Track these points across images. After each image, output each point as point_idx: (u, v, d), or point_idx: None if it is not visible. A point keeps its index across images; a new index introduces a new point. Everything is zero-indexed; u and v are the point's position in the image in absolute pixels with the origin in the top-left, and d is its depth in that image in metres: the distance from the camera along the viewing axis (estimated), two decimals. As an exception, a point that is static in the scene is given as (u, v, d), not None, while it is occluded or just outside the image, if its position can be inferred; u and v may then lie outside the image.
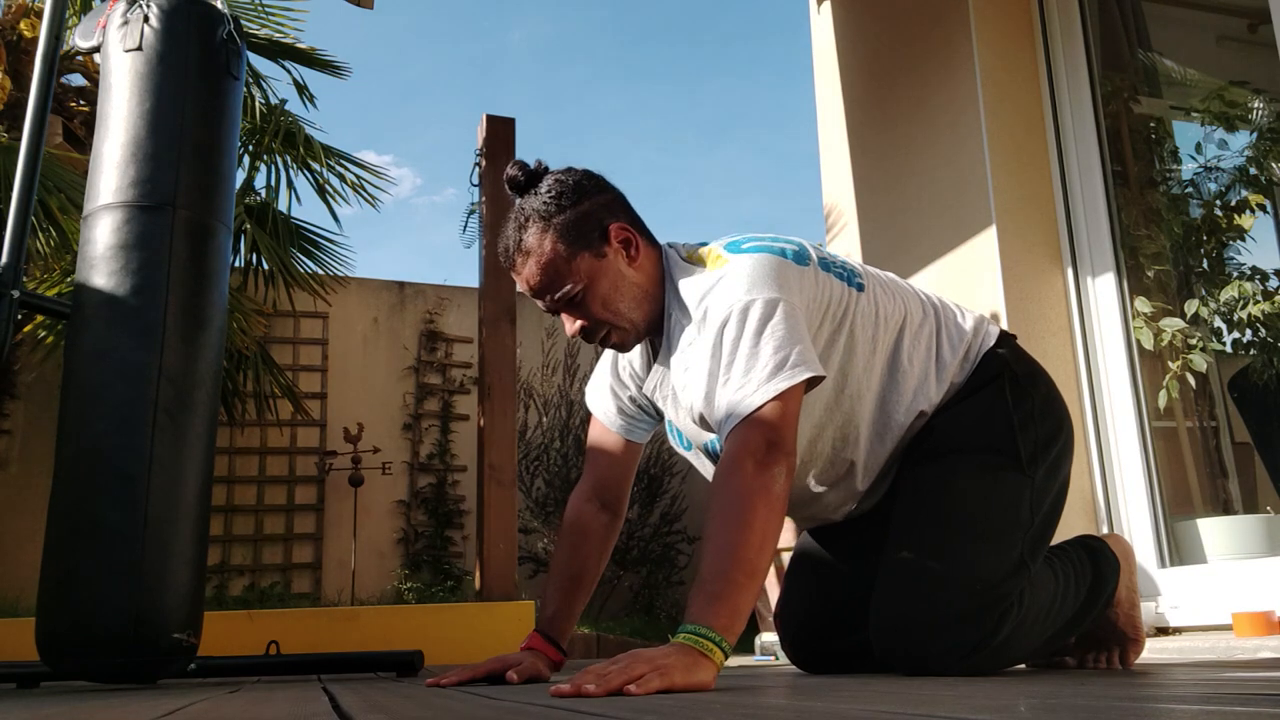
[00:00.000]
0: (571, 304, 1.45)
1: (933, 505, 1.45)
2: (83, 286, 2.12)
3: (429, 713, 0.94)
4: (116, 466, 1.98)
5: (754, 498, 1.22)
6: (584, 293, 1.44)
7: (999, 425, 1.49)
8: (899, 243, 3.43)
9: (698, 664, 1.11)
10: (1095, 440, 2.86)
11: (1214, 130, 3.14)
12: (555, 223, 1.43)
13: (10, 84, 4.64)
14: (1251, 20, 3.22)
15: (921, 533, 1.43)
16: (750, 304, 1.33)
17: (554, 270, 1.43)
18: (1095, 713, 0.69)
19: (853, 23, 3.85)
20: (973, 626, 1.35)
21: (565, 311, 1.47)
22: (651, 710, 0.84)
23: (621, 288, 1.46)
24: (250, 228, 5.00)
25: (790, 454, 1.28)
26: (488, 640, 3.64)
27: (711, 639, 1.13)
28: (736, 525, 1.20)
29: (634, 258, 1.47)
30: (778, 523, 1.24)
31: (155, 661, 1.97)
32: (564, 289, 1.44)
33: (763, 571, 1.21)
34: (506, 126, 4.14)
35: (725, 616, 1.15)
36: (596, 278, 1.44)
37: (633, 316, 1.47)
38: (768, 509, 1.22)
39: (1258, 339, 3.04)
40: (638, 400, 1.63)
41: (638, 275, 1.47)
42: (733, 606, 1.16)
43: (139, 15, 2.22)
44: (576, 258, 1.43)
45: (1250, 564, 2.53)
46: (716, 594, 1.16)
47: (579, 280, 1.43)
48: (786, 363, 1.29)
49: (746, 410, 1.28)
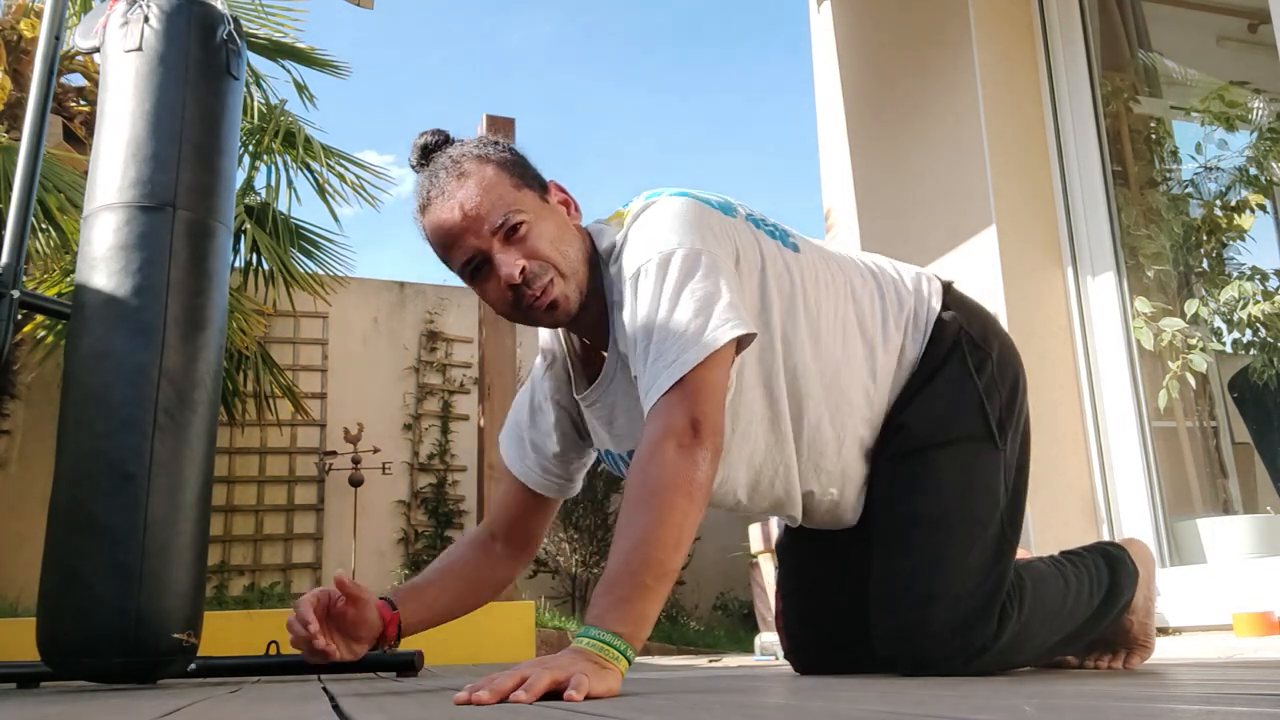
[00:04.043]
0: (514, 235, 1.23)
1: (917, 509, 1.39)
2: (83, 286, 2.12)
3: (429, 713, 0.94)
4: (117, 467, 1.98)
5: (673, 490, 1.11)
6: (529, 226, 1.24)
7: (968, 407, 1.42)
8: (899, 243, 3.43)
9: (603, 669, 1.02)
10: (1095, 440, 2.86)
11: (1214, 130, 3.14)
12: (495, 158, 1.27)
13: (10, 84, 4.64)
14: (1251, 20, 3.23)
15: (910, 540, 1.38)
16: (669, 255, 1.20)
17: (497, 194, 1.23)
18: (1096, 712, 0.69)
19: (852, 23, 3.85)
20: (976, 628, 1.33)
21: (502, 249, 1.23)
22: (651, 710, 0.84)
23: (567, 236, 1.28)
24: (250, 228, 5.00)
25: (716, 434, 1.17)
26: (487, 640, 3.64)
27: (616, 647, 1.04)
28: (652, 521, 1.10)
29: (574, 219, 1.33)
30: (696, 515, 1.13)
31: (155, 661, 1.97)
32: (507, 213, 1.22)
33: (675, 572, 1.11)
34: (506, 126, 4.14)
35: (631, 623, 1.06)
36: (542, 214, 1.26)
37: (578, 268, 1.27)
38: (688, 501, 1.12)
39: (1258, 339, 3.04)
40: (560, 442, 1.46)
41: (580, 236, 1.31)
42: (640, 612, 1.07)
43: (139, 15, 2.22)
44: (521, 189, 1.26)
45: (1250, 564, 2.53)
46: (624, 597, 1.07)
47: (525, 211, 1.24)
48: (708, 324, 1.17)
49: (668, 382, 1.16)
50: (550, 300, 1.24)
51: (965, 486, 1.41)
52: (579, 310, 1.28)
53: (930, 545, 1.37)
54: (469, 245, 1.23)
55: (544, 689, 0.96)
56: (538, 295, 1.24)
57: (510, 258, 1.22)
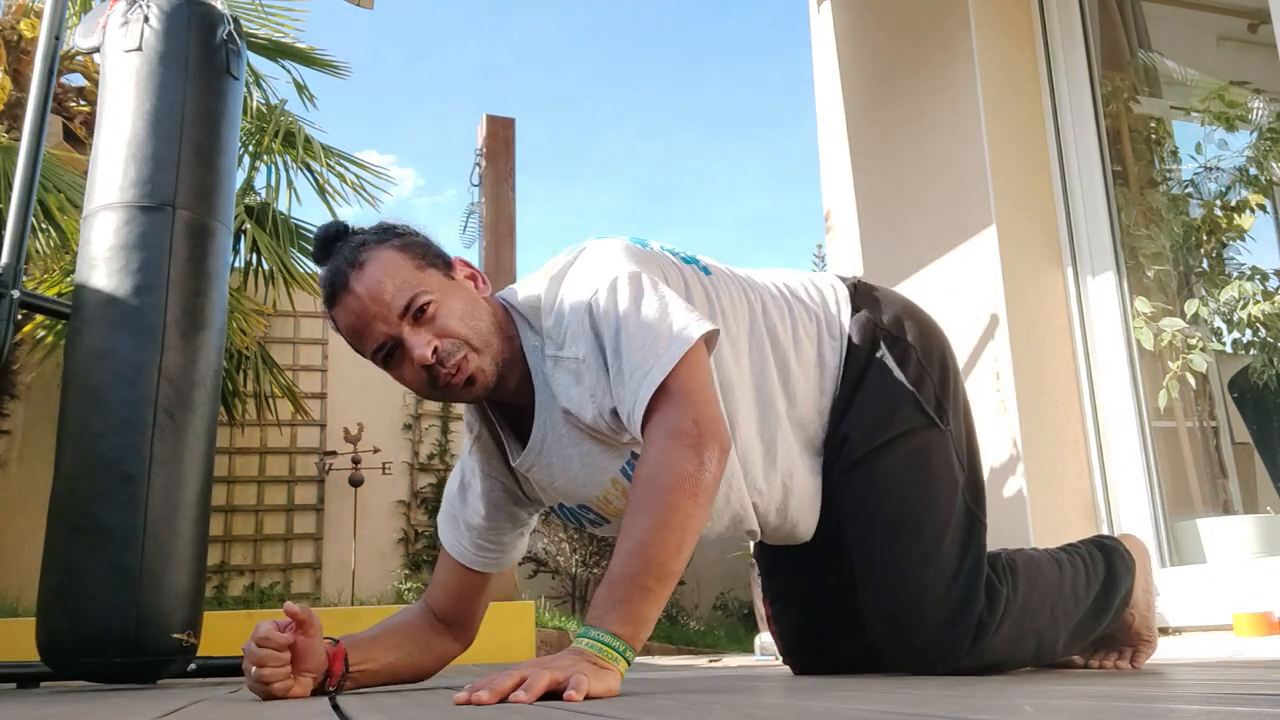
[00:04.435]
0: (422, 316, 1.22)
1: (881, 514, 1.40)
2: (83, 286, 2.12)
3: (429, 713, 0.94)
4: (117, 466, 1.98)
5: (678, 491, 1.11)
6: (436, 305, 1.23)
7: (901, 402, 1.43)
8: (899, 243, 3.43)
9: (602, 669, 1.02)
10: (1095, 440, 2.86)
11: (1214, 130, 3.14)
12: (395, 242, 1.27)
13: (10, 84, 4.64)
14: (1251, 20, 3.22)
15: (882, 547, 1.39)
16: (614, 282, 1.22)
17: (401, 278, 1.22)
18: (1096, 712, 0.69)
19: (852, 22, 3.85)
20: (968, 610, 1.34)
21: (412, 331, 1.22)
22: (652, 710, 0.84)
23: (477, 310, 1.27)
24: (250, 228, 5.01)
25: (720, 431, 1.16)
26: (487, 640, 3.64)
27: (615, 648, 1.04)
28: (656, 523, 1.10)
29: (482, 291, 1.32)
30: (701, 516, 1.13)
31: (155, 661, 1.97)
32: (413, 295, 1.22)
33: (677, 574, 1.11)
34: (506, 126, 4.15)
35: (631, 624, 1.06)
36: (449, 292, 1.25)
37: (492, 340, 1.27)
38: (692, 502, 1.11)
39: (1258, 339, 3.04)
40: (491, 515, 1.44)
41: (490, 308, 1.30)
42: (640, 614, 1.07)
43: (139, 15, 2.22)
44: (425, 269, 1.25)
45: (1250, 564, 2.53)
46: (624, 599, 1.07)
47: (431, 290, 1.23)
48: (673, 327, 1.17)
49: (649, 390, 1.15)
50: (467, 375, 1.24)
51: (920, 479, 1.42)
52: (498, 380, 1.28)
53: (903, 547, 1.38)
54: (379, 332, 1.23)
55: (543, 689, 0.96)
56: (453, 373, 1.23)
57: (421, 339, 1.22)
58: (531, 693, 0.95)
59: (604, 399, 1.23)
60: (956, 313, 3.09)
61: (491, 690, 0.96)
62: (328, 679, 1.25)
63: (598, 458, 1.31)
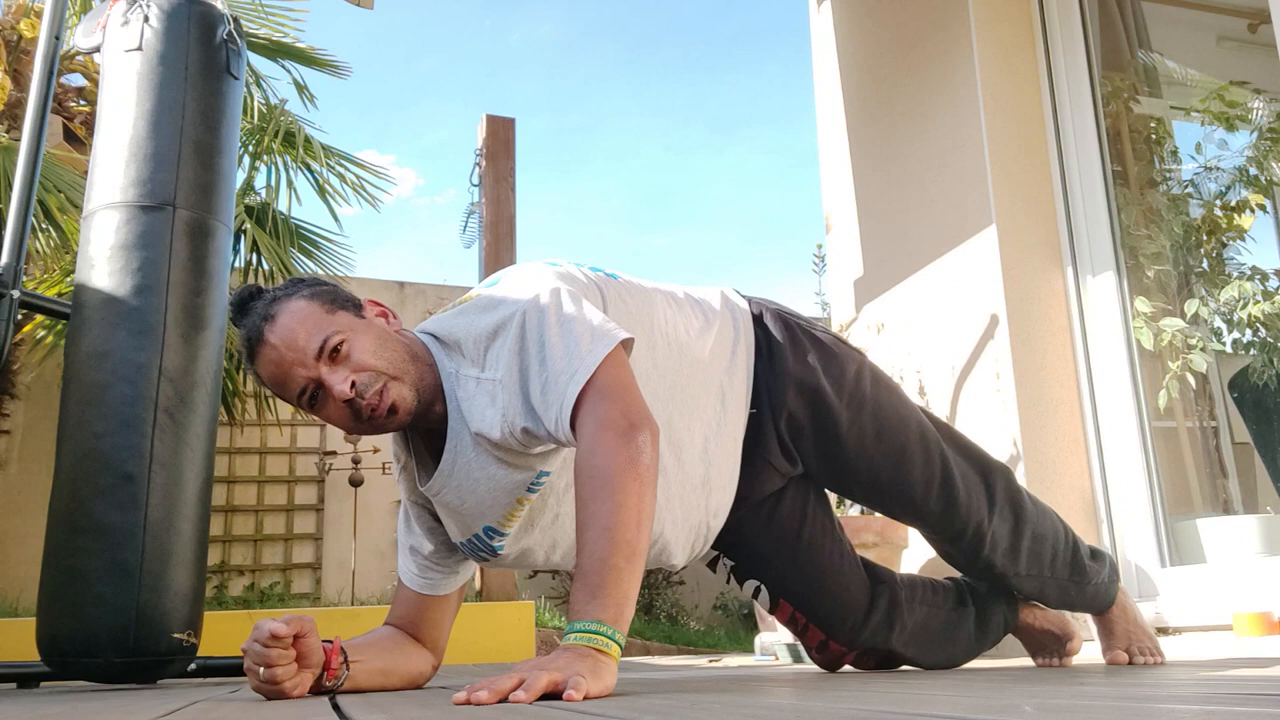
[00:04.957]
0: (337, 356, 1.27)
1: (875, 470, 1.61)
2: (83, 286, 2.12)
3: (429, 713, 0.94)
4: (117, 466, 1.98)
5: (622, 475, 1.14)
6: (349, 343, 1.28)
7: (831, 391, 1.56)
8: (899, 243, 3.43)
9: (599, 665, 1.04)
10: (1095, 440, 2.86)
11: (1214, 130, 3.14)
12: (304, 292, 1.32)
13: (10, 84, 4.64)
14: (1251, 20, 3.23)
15: (892, 491, 1.63)
16: (536, 296, 1.27)
17: (312, 322, 1.28)
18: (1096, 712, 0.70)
19: (852, 22, 3.85)
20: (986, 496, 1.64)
21: (329, 371, 1.27)
22: (652, 710, 0.84)
23: (389, 343, 1.32)
24: (250, 228, 5.00)
25: (650, 420, 1.20)
26: (488, 640, 3.65)
27: (604, 634, 1.07)
28: (610, 507, 1.12)
29: (394, 325, 1.37)
30: (650, 496, 1.16)
31: (155, 661, 1.97)
32: (325, 337, 1.27)
33: (643, 551, 1.14)
34: (506, 126, 4.14)
35: (613, 607, 1.09)
36: (359, 330, 1.31)
37: (408, 368, 1.31)
38: (639, 483, 1.14)
39: (1258, 339, 3.04)
40: (432, 538, 1.48)
41: (404, 339, 1.35)
42: (619, 595, 1.10)
43: (139, 15, 2.22)
44: (334, 312, 1.31)
45: (1250, 564, 2.53)
46: (600, 585, 1.09)
47: (342, 329, 1.29)
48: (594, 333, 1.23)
49: (580, 381, 1.19)
50: (388, 405, 1.28)
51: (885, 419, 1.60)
52: (425, 406, 1.32)
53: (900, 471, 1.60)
54: (299, 376, 1.28)
55: (543, 689, 0.97)
56: (374, 404, 1.27)
57: (339, 376, 1.26)
58: (531, 693, 0.96)
59: (515, 418, 1.25)
60: (956, 313, 3.09)
61: (491, 690, 0.97)
62: (325, 674, 1.25)
63: (503, 480, 1.33)
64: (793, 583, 1.64)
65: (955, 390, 3.09)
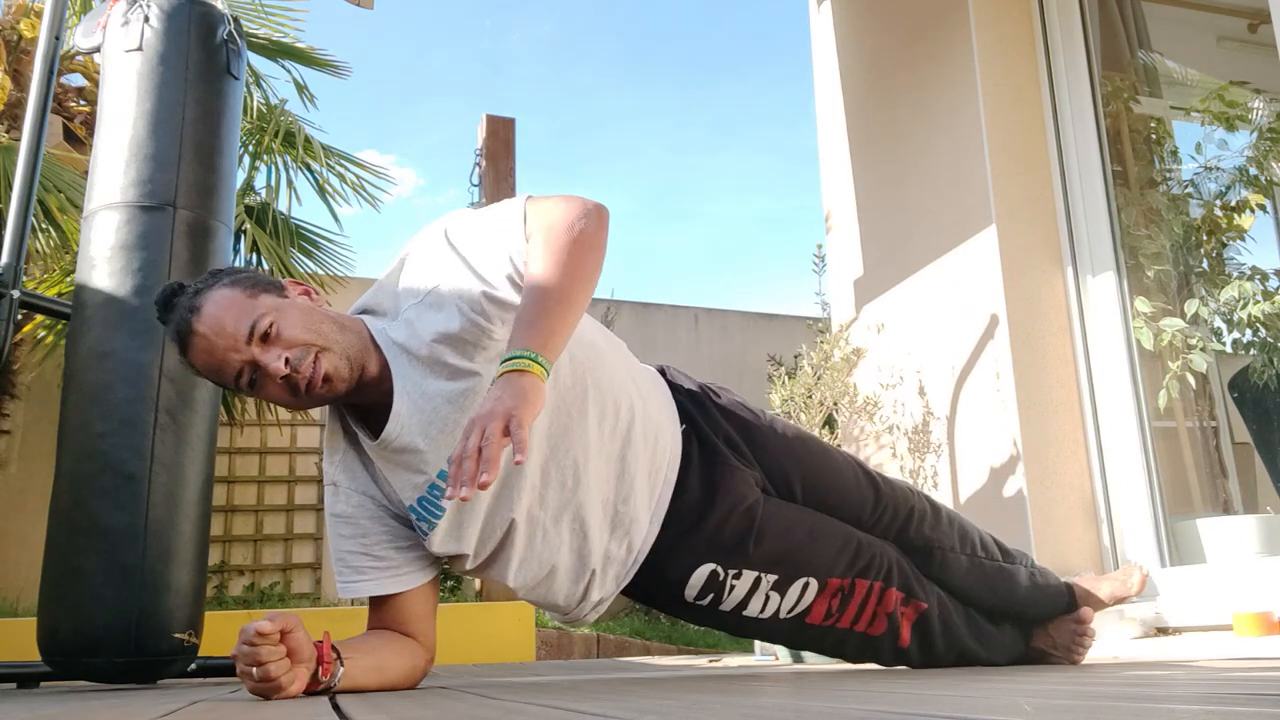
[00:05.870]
0: (267, 337, 1.30)
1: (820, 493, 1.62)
2: (83, 286, 2.12)
3: (429, 713, 0.94)
4: (117, 466, 1.98)
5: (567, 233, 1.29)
6: (277, 323, 1.30)
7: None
8: (899, 243, 3.43)
9: (524, 387, 1.16)
10: (1095, 440, 2.86)
11: (1214, 130, 3.14)
12: (225, 281, 1.35)
13: (10, 84, 4.64)
14: (1251, 20, 3.23)
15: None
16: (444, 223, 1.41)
17: (237, 308, 1.31)
18: (1096, 712, 0.70)
19: (852, 22, 3.85)
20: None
21: (262, 351, 1.30)
22: (652, 710, 0.84)
23: (315, 316, 1.35)
24: (250, 228, 5.00)
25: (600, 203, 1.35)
26: (488, 640, 3.65)
27: (528, 355, 1.19)
28: (551, 262, 1.27)
29: (317, 301, 1.40)
30: (592, 257, 1.30)
31: (156, 661, 1.97)
32: (253, 321, 1.29)
33: (577, 300, 1.27)
34: (506, 126, 4.14)
35: (540, 336, 1.21)
36: (285, 309, 1.33)
37: (337, 337, 1.34)
38: (583, 245, 1.29)
39: (1258, 339, 3.04)
40: (384, 533, 1.44)
41: (330, 311, 1.39)
42: (546, 327, 1.22)
43: (139, 15, 2.22)
44: (256, 296, 1.33)
45: (1250, 564, 2.53)
46: (531, 320, 1.23)
47: (267, 312, 1.31)
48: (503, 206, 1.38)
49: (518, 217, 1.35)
50: (323, 375, 1.31)
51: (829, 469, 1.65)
52: (360, 372, 1.35)
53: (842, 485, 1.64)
54: (234, 361, 1.31)
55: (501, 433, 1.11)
56: (309, 375, 1.31)
57: (272, 355, 1.30)
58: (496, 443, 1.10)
59: (472, 288, 1.34)
60: (956, 313, 3.09)
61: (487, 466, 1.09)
62: (319, 670, 1.25)
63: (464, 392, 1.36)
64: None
65: (955, 390, 3.09)
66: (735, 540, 1.50)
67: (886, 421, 3.39)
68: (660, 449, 1.51)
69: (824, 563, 1.55)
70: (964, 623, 1.69)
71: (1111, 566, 2.78)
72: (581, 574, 1.47)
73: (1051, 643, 1.80)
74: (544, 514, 1.43)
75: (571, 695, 1.17)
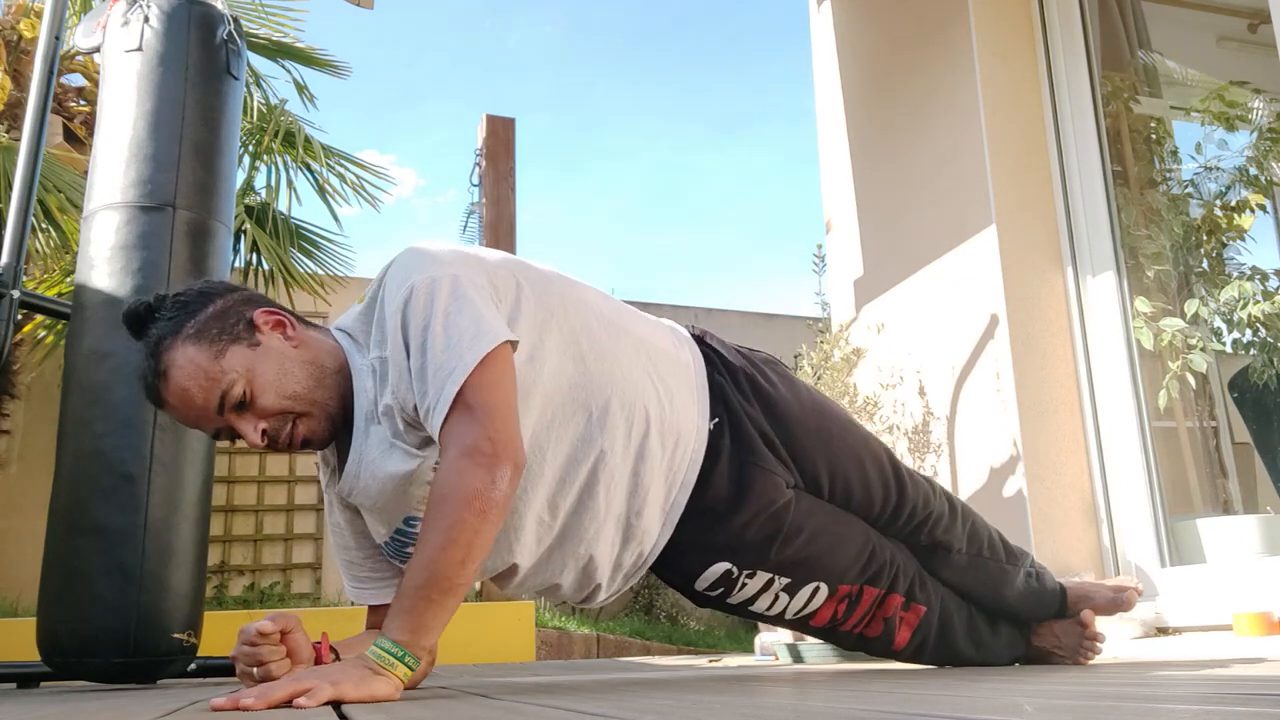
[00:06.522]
0: (241, 407, 1.26)
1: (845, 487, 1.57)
2: (83, 286, 2.12)
3: (430, 713, 0.94)
4: (117, 467, 1.98)
5: (465, 508, 1.14)
6: (249, 389, 1.25)
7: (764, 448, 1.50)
8: (899, 243, 3.43)
9: (371, 677, 1.10)
10: (1095, 440, 2.86)
11: (1214, 130, 3.14)
12: (187, 332, 1.27)
13: (10, 84, 4.64)
14: (1251, 20, 3.23)
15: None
16: (430, 281, 1.24)
17: (204, 376, 1.24)
18: (1096, 712, 0.70)
19: (852, 22, 3.85)
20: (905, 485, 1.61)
21: (237, 419, 1.26)
22: (652, 710, 0.84)
23: (290, 369, 1.28)
24: (250, 228, 5.00)
25: (517, 450, 1.19)
26: (488, 640, 3.65)
27: (392, 653, 1.12)
28: (442, 540, 1.14)
29: (293, 339, 1.32)
30: (489, 531, 1.16)
31: (155, 662, 1.97)
32: (222, 391, 1.24)
33: (462, 585, 1.16)
34: (506, 126, 4.15)
35: (409, 631, 1.14)
36: (257, 366, 1.27)
37: (315, 396, 1.29)
38: (479, 519, 1.15)
39: (1258, 339, 3.04)
40: (364, 544, 1.45)
41: (307, 354, 1.31)
42: (419, 621, 1.14)
43: (139, 15, 2.22)
44: (225, 355, 1.26)
45: (1250, 564, 2.53)
46: (407, 609, 1.15)
47: (236, 376, 1.25)
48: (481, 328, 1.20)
49: (458, 383, 1.17)
50: (301, 439, 1.29)
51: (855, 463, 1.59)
52: (338, 424, 1.32)
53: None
54: (209, 427, 1.29)
55: (326, 699, 1.04)
56: (288, 443, 1.29)
57: (248, 426, 1.27)
58: (315, 699, 1.02)
59: (405, 394, 1.25)
60: (956, 313, 3.09)
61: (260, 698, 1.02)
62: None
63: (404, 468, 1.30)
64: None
65: (955, 390, 3.09)
66: (758, 543, 1.47)
67: (886, 421, 3.39)
68: (680, 452, 1.44)
69: (838, 569, 1.54)
70: (963, 625, 1.68)
71: (1111, 566, 2.78)
72: (586, 585, 1.47)
73: (1056, 643, 1.80)
74: (549, 544, 1.41)
75: (571, 695, 1.17)
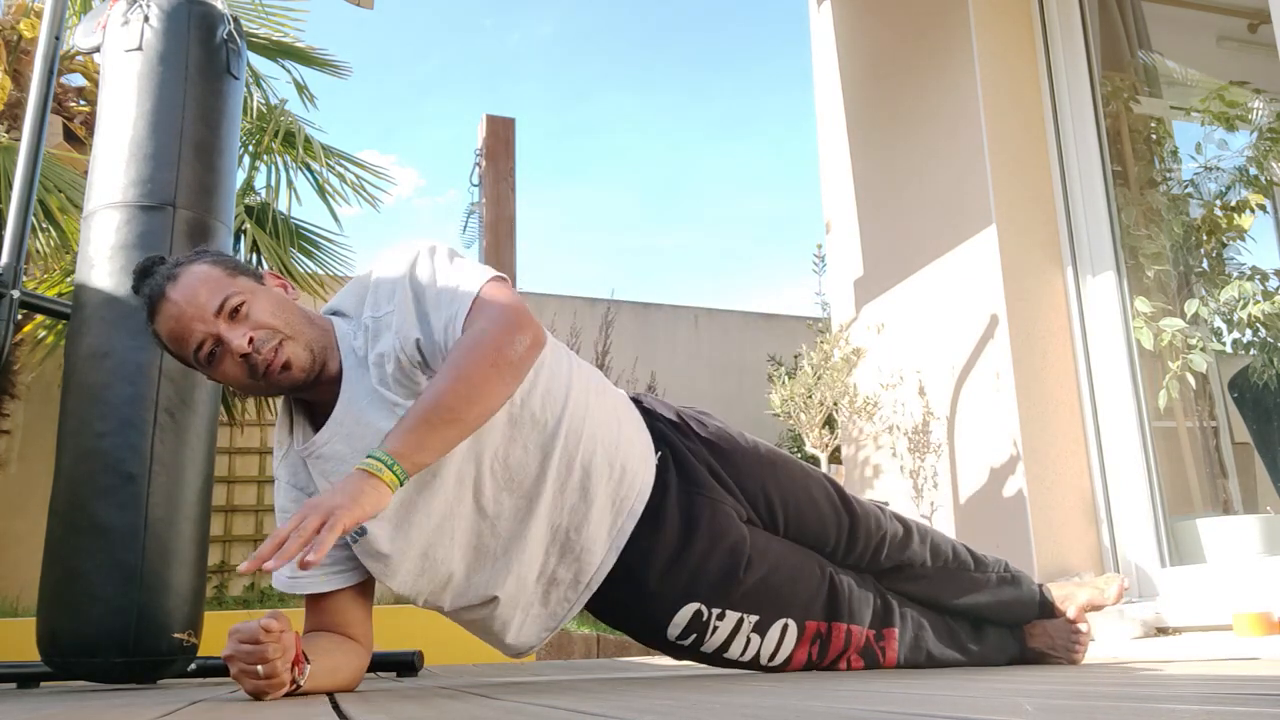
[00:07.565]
0: (236, 315, 1.33)
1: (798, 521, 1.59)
2: (83, 286, 2.12)
3: (429, 713, 0.94)
4: (117, 466, 1.98)
5: (481, 354, 1.24)
6: (248, 304, 1.33)
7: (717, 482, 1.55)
8: (899, 243, 3.43)
9: (363, 490, 1.14)
10: (1095, 440, 2.86)
11: (1214, 130, 3.14)
12: (206, 258, 1.38)
13: (10, 84, 4.64)
14: (1251, 20, 3.23)
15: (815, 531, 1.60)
16: (430, 247, 1.40)
17: (214, 283, 1.33)
18: (1096, 712, 0.70)
19: (852, 23, 3.85)
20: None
21: (228, 328, 1.32)
22: (651, 711, 0.84)
23: (286, 305, 1.38)
24: (250, 228, 5.00)
25: (537, 326, 1.30)
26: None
27: (384, 461, 1.16)
28: (452, 377, 1.23)
29: (293, 295, 1.43)
30: (499, 384, 1.25)
31: (155, 662, 1.97)
32: (226, 295, 1.32)
33: (464, 422, 1.22)
34: (506, 126, 4.14)
35: (407, 445, 1.18)
36: (259, 294, 1.36)
37: (304, 330, 1.36)
38: (493, 369, 1.24)
39: (1258, 339, 3.04)
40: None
41: (301, 309, 1.40)
42: (416, 438, 1.19)
43: (139, 15, 2.22)
44: (235, 277, 1.36)
45: (1250, 564, 2.53)
46: (407, 427, 1.20)
47: (242, 292, 1.34)
48: (481, 269, 1.36)
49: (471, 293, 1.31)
50: (283, 361, 1.33)
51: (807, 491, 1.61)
52: (319, 368, 1.36)
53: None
54: (197, 331, 1.32)
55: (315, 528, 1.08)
56: (270, 359, 1.32)
57: (237, 332, 1.32)
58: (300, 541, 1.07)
59: (409, 331, 1.34)
60: (956, 313, 3.09)
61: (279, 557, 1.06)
62: (295, 669, 1.22)
63: (386, 421, 1.33)
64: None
65: (955, 390, 3.09)
66: (720, 577, 1.48)
67: (886, 421, 3.39)
68: (628, 480, 1.47)
69: (801, 601, 1.55)
70: (944, 634, 1.69)
71: (1111, 566, 2.78)
72: (520, 596, 1.45)
73: (1050, 644, 1.81)
74: (486, 546, 1.43)
75: (571, 695, 1.17)
